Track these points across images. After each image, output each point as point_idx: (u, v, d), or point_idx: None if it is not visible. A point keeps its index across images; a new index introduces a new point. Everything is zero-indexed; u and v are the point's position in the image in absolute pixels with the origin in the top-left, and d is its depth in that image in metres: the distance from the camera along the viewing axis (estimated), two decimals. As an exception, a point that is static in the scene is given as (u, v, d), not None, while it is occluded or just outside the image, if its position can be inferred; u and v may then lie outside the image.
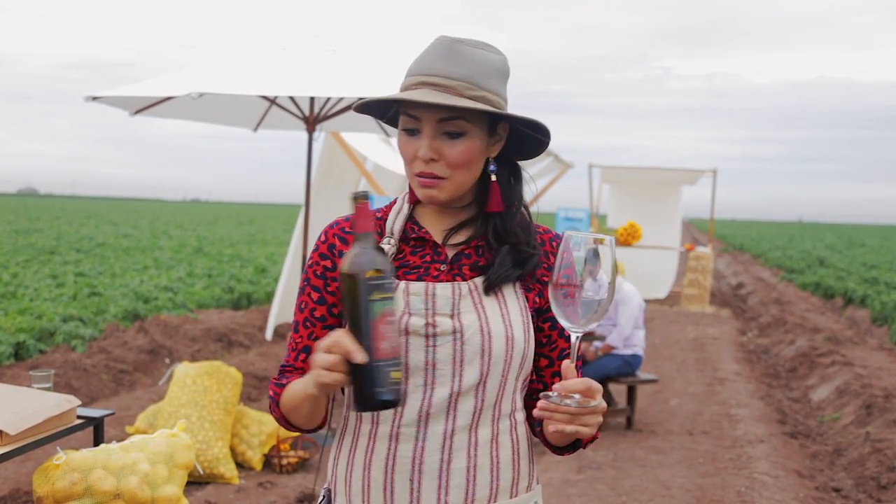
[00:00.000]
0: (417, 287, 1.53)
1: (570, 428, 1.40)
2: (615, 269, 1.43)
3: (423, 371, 1.51)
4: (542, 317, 1.61)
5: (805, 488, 5.23)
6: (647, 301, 13.45)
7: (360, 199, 1.40)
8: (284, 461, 5.20)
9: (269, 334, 9.63)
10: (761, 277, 20.34)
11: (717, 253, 27.60)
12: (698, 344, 10.79)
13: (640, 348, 6.77)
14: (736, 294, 17.47)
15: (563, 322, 1.45)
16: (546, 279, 1.59)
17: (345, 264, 1.36)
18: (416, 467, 1.50)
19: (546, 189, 13.05)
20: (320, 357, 1.36)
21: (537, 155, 1.66)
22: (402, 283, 1.53)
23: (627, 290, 6.82)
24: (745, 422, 6.78)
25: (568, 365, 1.43)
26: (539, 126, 1.56)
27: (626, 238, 12.56)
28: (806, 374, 8.69)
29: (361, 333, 1.33)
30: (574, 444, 1.59)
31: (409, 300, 1.52)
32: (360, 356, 1.32)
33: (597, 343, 6.73)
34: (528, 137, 1.61)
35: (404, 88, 1.52)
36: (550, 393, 1.42)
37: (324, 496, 1.62)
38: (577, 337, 1.46)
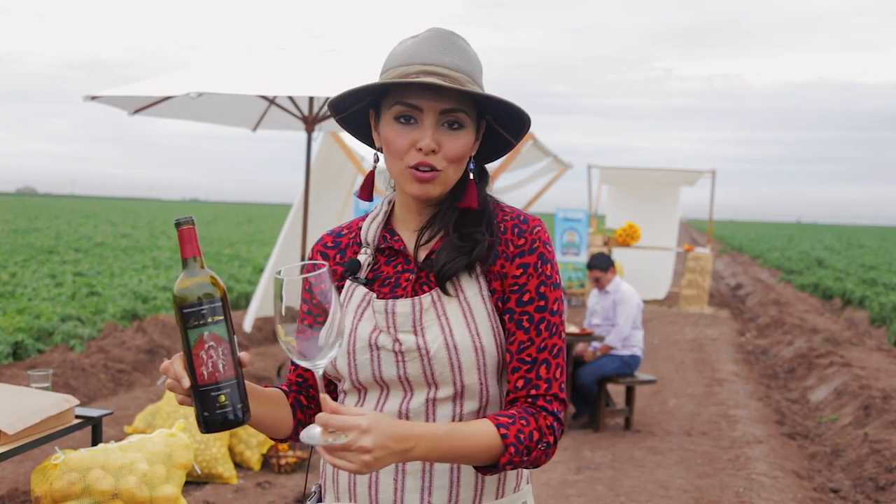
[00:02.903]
0: (379, 305, 1.52)
1: (326, 458, 1.30)
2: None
3: (398, 383, 1.51)
4: (500, 310, 1.52)
5: (803, 489, 5.23)
6: (645, 302, 13.46)
7: (183, 224, 1.37)
8: (283, 461, 5.20)
9: (247, 326, 9.63)
10: (760, 278, 20.34)
11: (715, 254, 27.61)
12: (697, 345, 10.80)
13: (639, 349, 6.77)
14: (734, 295, 17.47)
15: (303, 363, 1.35)
16: (504, 270, 1.51)
17: (175, 289, 1.38)
18: (399, 466, 1.49)
19: (545, 190, 13.06)
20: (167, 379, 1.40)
21: (500, 157, 1.63)
22: (370, 299, 1.53)
23: (626, 290, 6.83)
24: (743, 422, 6.78)
25: (323, 397, 1.32)
26: (520, 116, 1.50)
27: (625, 239, 12.57)
28: (804, 374, 8.69)
29: (187, 359, 1.36)
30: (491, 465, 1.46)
31: (376, 318, 1.51)
32: (184, 381, 1.35)
33: (595, 344, 6.74)
34: (495, 139, 1.58)
35: (401, 77, 1.46)
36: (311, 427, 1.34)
37: (314, 491, 1.64)
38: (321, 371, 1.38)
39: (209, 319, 1.34)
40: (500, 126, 1.56)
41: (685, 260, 15.12)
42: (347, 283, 1.57)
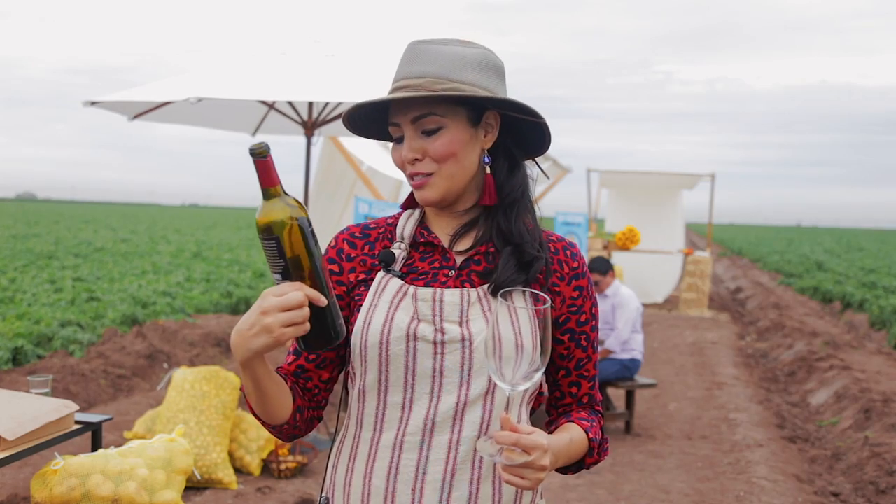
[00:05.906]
0: (425, 293, 1.51)
1: (503, 475, 1.36)
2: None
3: (429, 378, 1.48)
4: (559, 329, 1.58)
5: (804, 493, 5.23)
6: (644, 305, 13.46)
7: (259, 152, 1.33)
8: (283, 466, 5.19)
9: None
10: (760, 282, 20.35)
11: (715, 257, 27.61)
12: (697, 348, 10.79)
13: (639, 352, 6.77)
14: (734, 298, 17.47)
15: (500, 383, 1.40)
16: (558, 289, 1.57)
17: (277, 216, 1.32)
18: (419, 477, 1.48)
19: (544, 194, 13.07)
20: (282, 317, 1.30)
21: (542, 148, 1.59)
22: (410, 289, 1.52)
23: (625, 294, 6.82)
24: (743, 426, 6.78)
25: (504, 417, 1.36)
26: (521, 107, 1.50)
27: (625, 242, 12.56)
28: (804, 378, 8.69)
29: (315, 277, 1.34)
30: (577, 465, 1.59)
31: (417, 306, 1.50)
32: (322, 300, 1.34)
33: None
34: (527, 128, 1.55)
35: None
36: (486, 438, 1.39)
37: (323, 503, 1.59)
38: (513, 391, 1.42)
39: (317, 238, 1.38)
40: (507, 109, 1.53)
41: (685, 263, 15.12)
42: (380, 273, 1.56)
